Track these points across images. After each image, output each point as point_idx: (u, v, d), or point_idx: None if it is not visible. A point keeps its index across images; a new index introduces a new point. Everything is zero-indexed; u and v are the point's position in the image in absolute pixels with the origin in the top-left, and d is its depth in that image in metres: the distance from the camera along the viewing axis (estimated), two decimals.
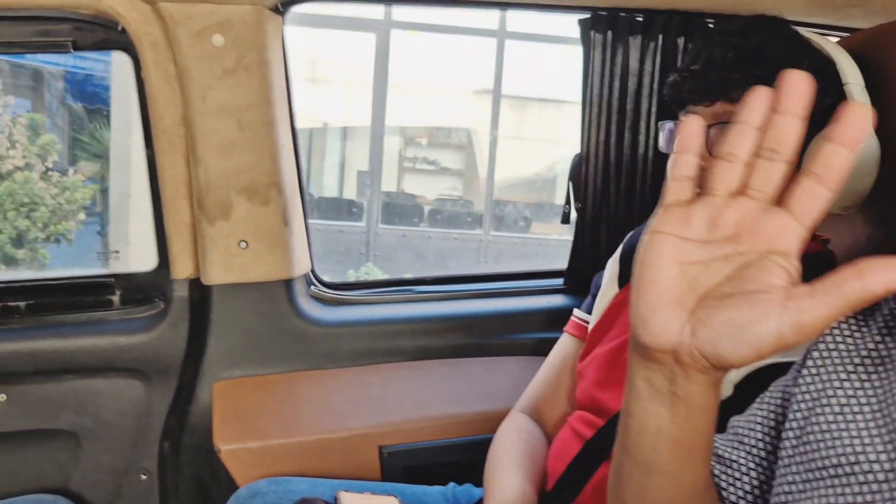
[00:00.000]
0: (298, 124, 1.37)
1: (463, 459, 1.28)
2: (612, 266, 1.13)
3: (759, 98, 0.45)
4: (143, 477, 1.36)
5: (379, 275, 6.35)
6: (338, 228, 7.16)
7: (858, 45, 0.94)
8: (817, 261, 0.91)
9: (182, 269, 1.33)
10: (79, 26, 1.23)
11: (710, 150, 0.88)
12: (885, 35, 0.92)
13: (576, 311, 1.19)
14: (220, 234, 1.29)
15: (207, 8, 1.19)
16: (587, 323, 1.14)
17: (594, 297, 1.15)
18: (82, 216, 6.42)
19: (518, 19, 7.33)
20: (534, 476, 1.04)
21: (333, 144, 7.78)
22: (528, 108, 7.57)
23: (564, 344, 1.18)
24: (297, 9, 1.28)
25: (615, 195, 1.35)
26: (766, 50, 0.87)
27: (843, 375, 0.56)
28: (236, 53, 1.22)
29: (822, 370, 0.58)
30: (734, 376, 0.81)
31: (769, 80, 0.81)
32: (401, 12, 6.96)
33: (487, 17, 7.04)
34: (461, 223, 7.49)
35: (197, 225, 1.30)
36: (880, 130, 0.87)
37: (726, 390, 0.82)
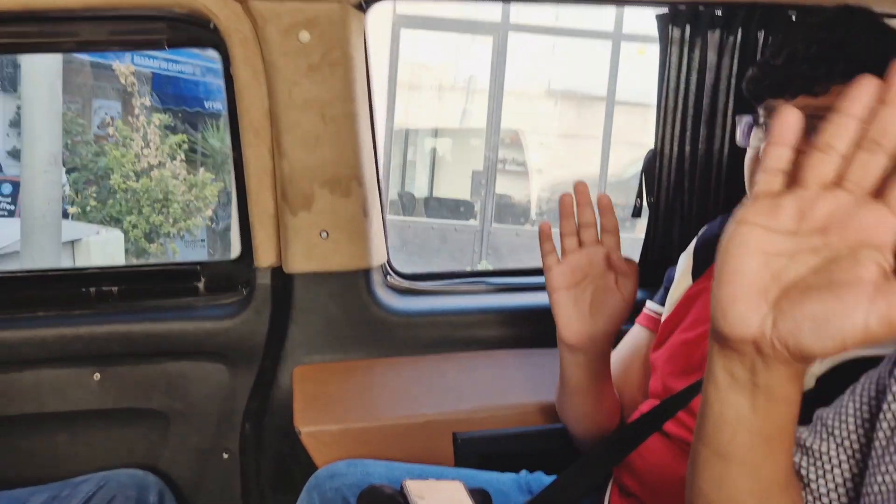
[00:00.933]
0: (405, 125, 1.40)
1: (535, 448, 1.31)
2: (686, 259, 1.14)
3: (864, 89, 0.43)
4: (226, 456, 1.42)
5: None
6: (453, 227, 7.36)
7: None
8: None
9: (265, 257, 1.38)
10: (172, 24, 1.29)
11: None
12: None
13: (648, 303, 1.20)
14: (302, 224, 1.34)
15: (295, 6, 1.23)
16: (659, 315, 1.15)
17: (667, 289, 1.16)
18: (209, 212, 6.65)
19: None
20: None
21: (443, 145, 7.89)
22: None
23: (635, 334, 1.19)
24: (403, 11, 1.31)
25: (689, 190, 1.36)
26: (852, 43, 0.85)
27: None
28: (321, 50, 1.26)
29: None
30: (817, 369, 0.82)
31: (852, 74, 0.82)
32: (519, 14, 6.96)
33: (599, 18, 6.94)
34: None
35: (280, 215, 1.35)
36: None
37: (808, 382, 0.82)
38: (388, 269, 1.48)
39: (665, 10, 1.31)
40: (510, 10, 6.89)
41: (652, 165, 1.38)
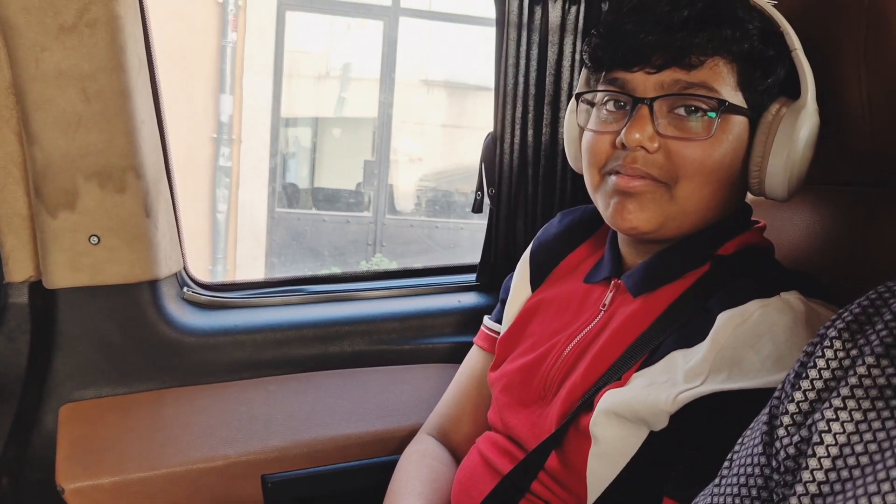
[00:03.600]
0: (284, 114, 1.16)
1: (364, 486, 1.11)
2: (523, 266, 0.97)
3: None
4: None
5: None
6: (345, 219, 6.99)
7: (790, 8, 0.81)
8: (753, 252, 0.78)
9: (19, 270, 1.10)
10: None
11: (660, 131, 0.72)
12: None
13: (485, 320, 1.03)
14: (65, 227, 1.07)
15: None
16: (497, 334, 0.98)
17: (504, 302, 0.99)
18: None
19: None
20: None
21: (326, 135, 7.56)
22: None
23: (473, 358, 1.03)
24: None
25: (532, 179, 1.19)
26: (720, 9, 0.72)
27: (829, 415, 0.42)
28: (76, 5, 1.00)
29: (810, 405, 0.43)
30: (670, 406, 0.66)
31: (731, 43, 0.68)
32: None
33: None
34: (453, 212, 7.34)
35: (35, 217, 1.07)
36: (819, 92, 0.74)
37: (660, 422, 0.67)
38: (185, 278, 1.23)
39: None
40: None
41: (492, 153, 1.20)
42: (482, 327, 1.03)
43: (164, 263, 1.16)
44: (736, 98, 0.73)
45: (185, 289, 1.22)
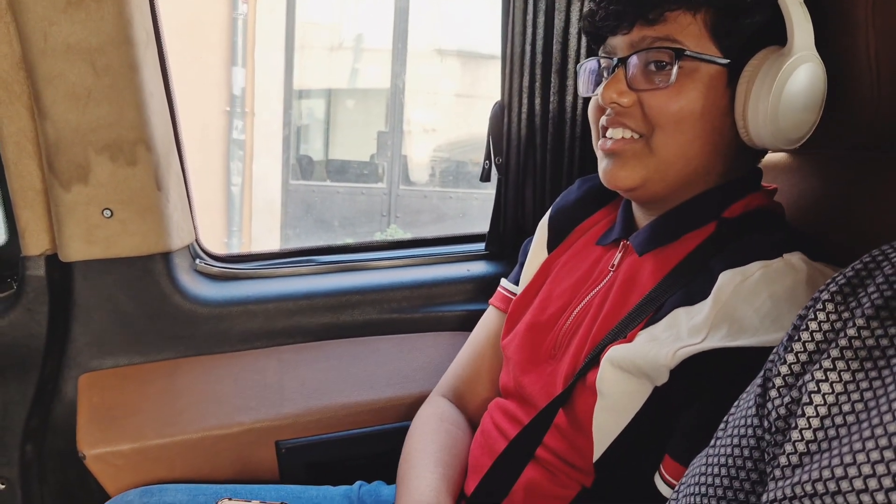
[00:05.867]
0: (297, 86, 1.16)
1: (375, 452, 1.13)
2: (541, 231, 0.99)
3: None
4: (2, 487, 1.17)
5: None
6: (360, 190, 6.99)
7: None
8: (761, 214, 0.78)
9: (35, 243, 1.12)
10: None
11: (632, 85, 0.76)
12: None
13: (503, 282, 1.04)
14: (78, 200, 1.09)
15: None
16: (513, 294, 0.99)
17: (522, 265, 1.00)
18: None
19: None
20: (452, 473, 0.90)
21: (339, 106, 7.53)
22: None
23: (489, 318, 1.04)
24: None
25: (541, 148, 1.19)
26: None
27: (819, 375, 0.42)
28: None
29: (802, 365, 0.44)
30: (670, 361, 0.68)
31: (687, 0, 0.69)
32: None
33: None
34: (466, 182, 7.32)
35: (49, 191, 1.09)
36: (829, 54, 0.74)
37: (661, 377, 0.69)
38: (198, 250, 1.25)
39: None
40: None
41: (499, 122, 1.20)
42: (499, 289, 1.04)
43: (177, 235, 1.17)
44: (705, 47, 0.74)
45: (197, 260, 1.23)
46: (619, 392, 0.72)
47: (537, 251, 0.98)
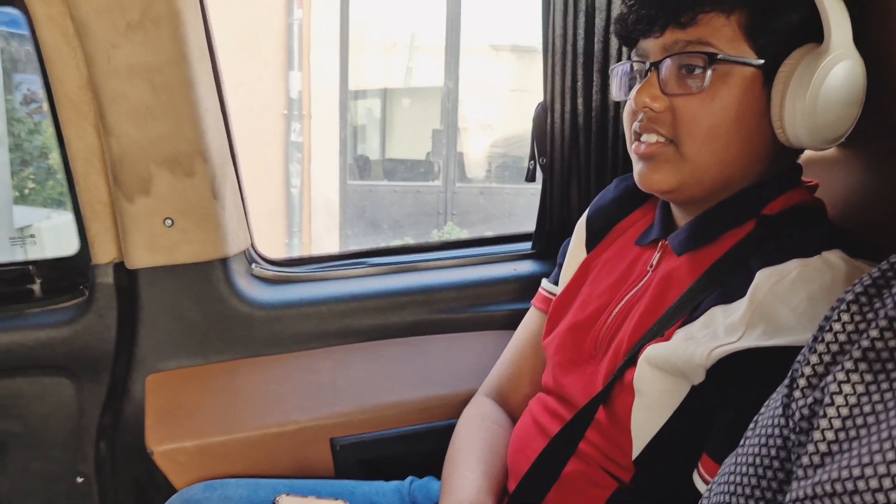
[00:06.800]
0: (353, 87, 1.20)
1: (426, 449, 1.16)
2: (579, 231, 1.00)
3: None
4: (80, 480, 1.25)
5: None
6: (416, 189, 7.10)
7: None
8: (800, 211, 0.78)
9: (104, 252, 1.19)
10: None
11: (664, 90, 0.75)
12: None
13: (543, 283, 1.06)
14: (141, 211, 1.15)
15: None
16: (553, 295, 1.01)
17: (562, 266, 1.02)
18: None
19: None
20: (494, 471, 0.92)
21: (394, 105, 7.63)
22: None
23: (530, 319, 1.06)
24: None
25: (584, 147, 1.20)
26: None
27: (840, 377, 0.43)
28: (141, 3, 1.06)
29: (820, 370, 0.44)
30: (706, 360, 0.68)
31: (720, 1, 0.68)
32: None
33: None
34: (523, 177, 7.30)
35: (115, 203, 1.16)
36: (868, 49, 0.72)
37: (698, 376, 0.69)
38: (253, 255, 1.30)
39: None
40: None
41: (542, 122, 1.21)
42: (540, 289, 1.05)
43: (233, 242, 1.23)
44: (739, 50, 0.73)
45: (253, 265, 1.29)
46: (656, 391, 0.73)
47: (576, 251, 0.99)
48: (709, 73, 0.73)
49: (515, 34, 7.24)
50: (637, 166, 0.81)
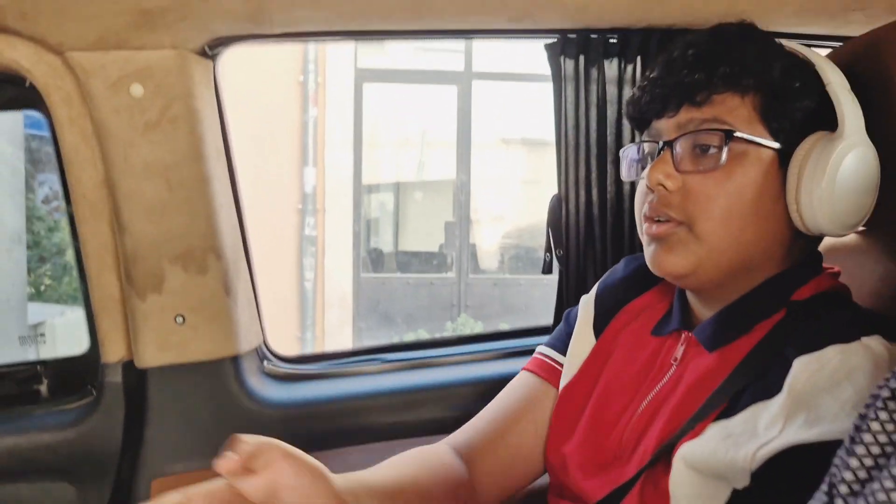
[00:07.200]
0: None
1: None
2: (587, 308, 0.94)
3: None
4: None
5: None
6: (429, 280, 7.10)
7: (850, 54, 0.82)
8: (829, 297, 0.75)
9: (113, 351, 1.17)
10: None
11: (678, 168, 0.74)
12: (886, 35, 0.78)
13: (541, 347, 0.96)
14: (153, 309, 1.14)
15: (123, 55, 1.05)
16: (556, 363, 0.93)
17: (567, 335, 0.94)
18: None
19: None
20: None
21: (406, 198, 7.77)
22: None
23: (522, 383, 0.94)
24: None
25: (600, 238, 1.18)
26: (734, 49, 0.75)
27: (888, 484, 0.39)
28: (159, 104, 1.08)
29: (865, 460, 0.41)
30: (750, 463, 0.64)
31: (736, 78, 0.69)
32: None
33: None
34: (536, 268, 7.29)
35: (126, 300, 1.15)
36: (879, 138, 0.73)
37: (741, 480, 0.64)
38: (266, 352, 1.27)
39: (553, 39, 1.15)
40: (472, 58, 6.90)
41: (558, 214, 1.20)
42: (538, 355, 0.95)
43: (245, 339, 1.20)
44: (755, 131, 0.73)
45: (265, 362, 1.26)
46: (694, 495, 0.68)
47: (583, 333, 0.92)
48: (725, 150, 0.72)
49: (525, 127, 7.43)
50: (649, 249, 0.78)
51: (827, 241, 0.87)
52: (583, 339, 0.92)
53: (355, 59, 6.56)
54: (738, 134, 0.72)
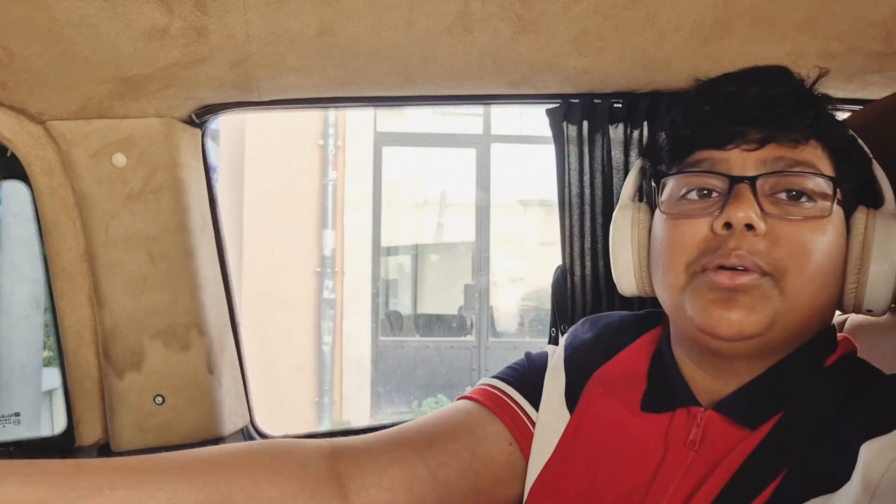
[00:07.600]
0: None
1: None
2: (556, 373, 0.80)
3: None
4: None
5: None
6: (449, 344, 6.93)
7: (870, 118, 0.78)
8: (852, 362, 0.70)
9: (89, 433, 1.10)
10: None
11: (763, 208, 0.64)
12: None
13: (486, 380, 0.82)
14: (131, 388, 1.07)
15: (105, 124, 1.02)
16: (508, 398, 0.78)
17: (527, 374, 0.81)
18: None
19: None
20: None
21: (425, 261, 7.78)
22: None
23: (467, 412, 0.78)
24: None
25: (607, 311, 1.10)
26: (814, 93, 0.69)
27: None
28: (142, 174, 1.04)
29: None
30: None
31: (829, 127, 0.67)
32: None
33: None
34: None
35: (104, 379, 1.08)
36: None
37: None
38: (252, 432, 1.19)
39: (556, 103, 1.10)
40: (490, 122, 6.98)
41: (563, 286, 1.13)
42: (483, 385, 0.81)
43: (229, 420, 1.13)
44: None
45: None
46: None
47: (555, 403, 0.77)
48: (834, 200, 0.64)
49: (542, 189, 7.43)
50: (716, 305, 0.63)
51: (854, 319, 0.81)
52: (555, 411, 0.78)
53: (374, 123, 6.65)
54: (843, 185, 0.65)
